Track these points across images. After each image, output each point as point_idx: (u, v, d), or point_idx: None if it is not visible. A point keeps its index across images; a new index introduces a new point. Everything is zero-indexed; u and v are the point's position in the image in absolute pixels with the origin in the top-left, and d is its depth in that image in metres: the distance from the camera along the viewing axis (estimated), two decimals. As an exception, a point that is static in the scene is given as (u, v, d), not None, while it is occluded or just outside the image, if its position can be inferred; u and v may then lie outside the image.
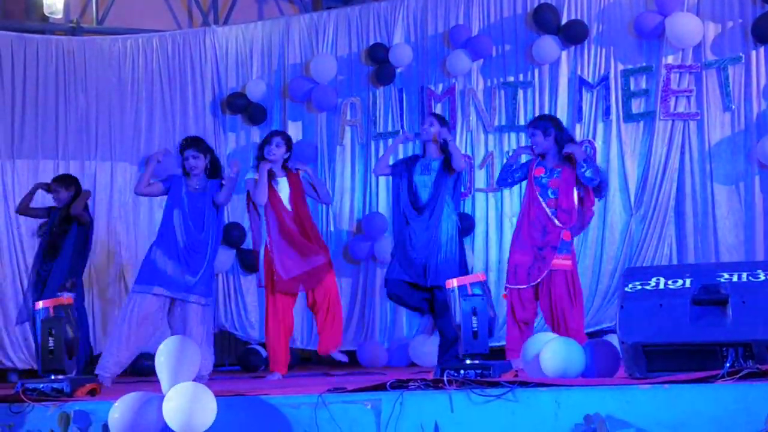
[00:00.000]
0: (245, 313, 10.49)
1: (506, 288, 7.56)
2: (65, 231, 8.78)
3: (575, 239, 9.49)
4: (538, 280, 7.41)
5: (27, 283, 9.11)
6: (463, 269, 7.85)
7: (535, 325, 7.69)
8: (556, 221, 7.45)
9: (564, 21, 9.81)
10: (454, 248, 7.89)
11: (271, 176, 8.00)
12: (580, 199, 7.62)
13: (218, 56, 10.85)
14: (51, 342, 5.72)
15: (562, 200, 7.49)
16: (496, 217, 10.00)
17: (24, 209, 9.30)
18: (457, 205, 8.10)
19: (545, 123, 7.70)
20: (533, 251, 7.47)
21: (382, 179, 10.17)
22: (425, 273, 7.82)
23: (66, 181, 8.99)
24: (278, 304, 7.93)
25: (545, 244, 7.44)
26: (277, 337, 7.94)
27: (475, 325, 5.29)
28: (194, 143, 7.98)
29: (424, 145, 8.14)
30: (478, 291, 5.41)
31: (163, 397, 4.81)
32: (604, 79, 9.71)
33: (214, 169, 7.91)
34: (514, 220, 8.07)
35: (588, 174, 7.47)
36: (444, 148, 7.92)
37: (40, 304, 5.89)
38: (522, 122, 9.83)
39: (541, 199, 7.51)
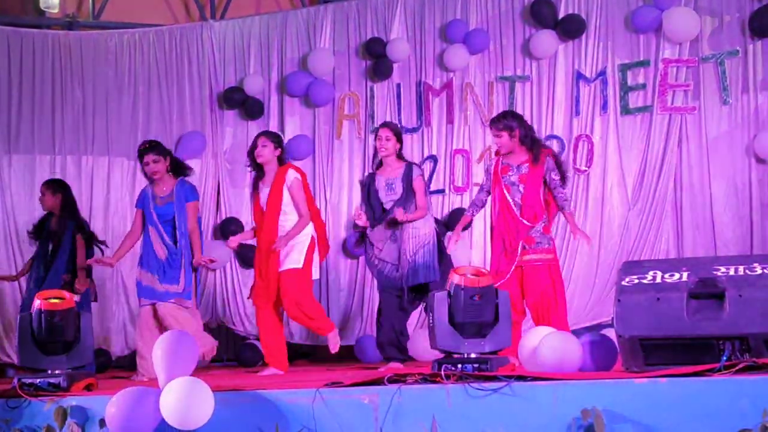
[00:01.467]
0: (243, 308, 10.47)
1: None
2: (59, 240, 8.77)
3: (570, 234, 9.54)
4: (507, 276, 7.42)
5: (27, 282, 9.07)
6: (439, 271, 7.98)
7: (523, 324, 7.65)
8: (525, 221, 7.46)
9: (561, 15, 9.80)
10: (431, 251, 7.99)
11: (258, 184, 7.99)
12: (544, 200, 7.63)
13: (215, 51, 10.82)
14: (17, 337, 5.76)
15: (528, 197, 7.49)
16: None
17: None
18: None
19: (510, 123, 7.63)
20: (505, 251, 7.50)
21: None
22: (406, 276, 7.97)
23: (53, 186, 8.97)
24: (260, 302, 7.94)
25: (516, 241, 7.46)
26: (264, 334, 8.00)
27: (430, 321, 5.32)
28: (153, 147, 8.00)
29: (380, 159, 8.24)
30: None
31: (159, 391, 4.81)
32: (602, 74, 9.71)
33: (177, 169, 8.00)
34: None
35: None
36: (399, 157, 8.13)
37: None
38: (520, 117, 9.84)
39: (509, 199, 7.52)
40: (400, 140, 8.15)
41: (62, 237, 8.77)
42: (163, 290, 7.83)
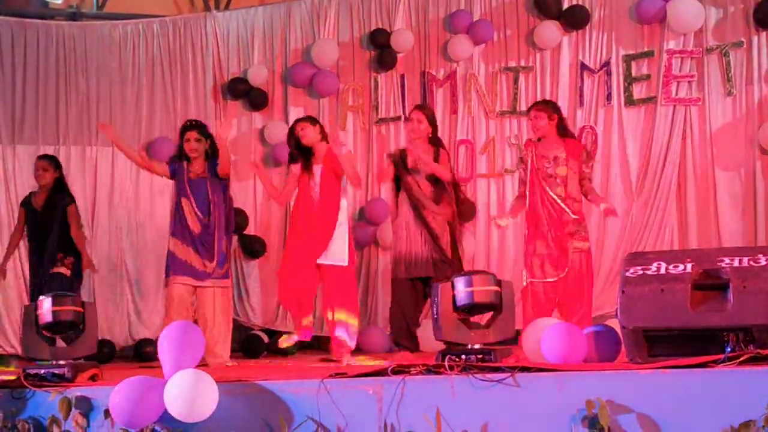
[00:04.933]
0: (248, 298, 10.48)
1: (528, 281, 7.53)
2: (50, 216, 8.74)
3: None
4: (565, 272, 7.39)
5: (29, 272, 9.10)
6: (456, 260, 8.06)
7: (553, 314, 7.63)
8: (570, 213, 7.41)
9: (565, 6, 9.80)
10: (448, 239, 8.02)
11: (309, 164, 8.01)
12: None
13: (219, 41, 10.80)
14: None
15: (570, 189, 7.45)
16: (497, 203, 10.00)
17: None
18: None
19: (549, 108, 7.67)
20: (554, 243, 7.44)
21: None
22: (430, 265, 7.97)
23: (54, 161, 8.95)
24: (294, 281, 7.95)
25: (564, 235, 7.41)
26: (283, 301, 8.16)
27: (434, 312, 5.59)
28: (198, 125, 8.24)
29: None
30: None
31: (163, 381, 4.82)
32: (606, 64, 9.71)
33: (213, 154, 8.08)
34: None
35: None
36: (432, 142, 8.08)
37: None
38: (524, 107, 9.82)
39: (548, 190, 7.47)
40: (432, 124, 8.11)
41: (53, 212, 8.72)
42: (201, 269, 7.91)
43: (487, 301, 5.45)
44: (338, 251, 7.83)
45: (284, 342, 7.92)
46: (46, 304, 5.76)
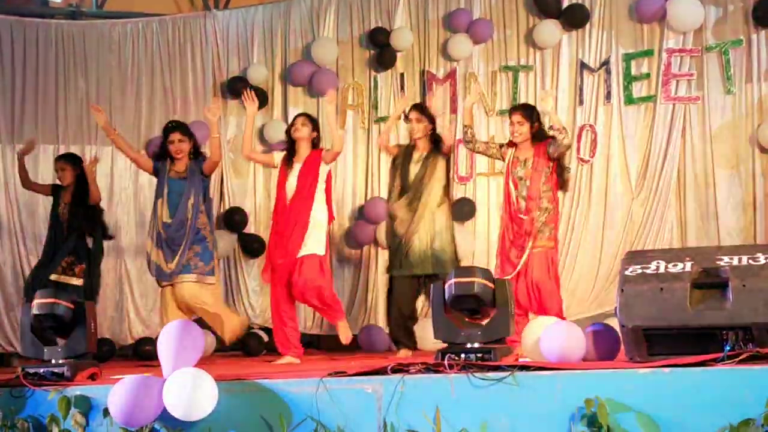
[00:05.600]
0: (247, 297, 10.48)
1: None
2: (74, 213, 8.75)
3: (573, 223, 9.53)
4: (518, 268, 7.42)
5: (37, 263, 9.08)
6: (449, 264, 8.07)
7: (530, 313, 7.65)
8: (522, 215, 7.44)
9: (565, 5, 9.80)
10: (447, 238, 8.05)
11: (290, 160, 8.05)
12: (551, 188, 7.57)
13: (219, 40, 10.81)
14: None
15: (531, 190, 7.47)
16: (497, 202, 9.99)
17: (26, 183, 9.31)
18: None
19: (532, 113, 7.63)
20: (514, 241, 7.50)
21: (384, 163, 10.11)
22: (422, 262, 8.06)
23: (73, 159, 8.98)
24: (274, 288, 7.97)
25: (520, 235, 7.46)
26: (275, 321, 8.06)
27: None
28: (180, 126, 8.29)
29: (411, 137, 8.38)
30: None
31: (162, 380, 4.82)
32: (606, 63, 9.71)
33: (197, 154, 8.17)
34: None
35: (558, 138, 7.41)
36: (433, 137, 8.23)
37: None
38: (524, 106, 9.83)
39: (514, 194, 7.51)
40: (432, 121, 8.25)
41: (76, 217, 8.73)
42: (166, 270, 7.91)
43: (468, 293, 5.33)
44: (313, 243, 7.87)
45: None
46: (36, 300, 5.76)
